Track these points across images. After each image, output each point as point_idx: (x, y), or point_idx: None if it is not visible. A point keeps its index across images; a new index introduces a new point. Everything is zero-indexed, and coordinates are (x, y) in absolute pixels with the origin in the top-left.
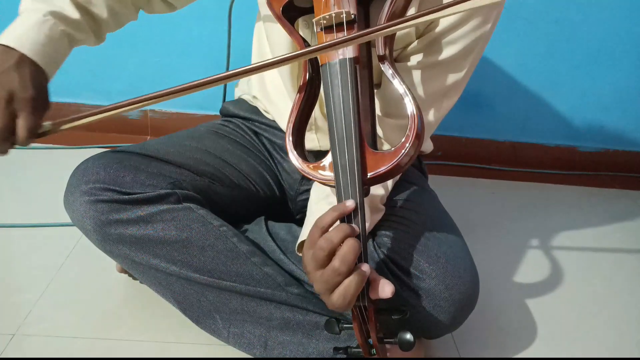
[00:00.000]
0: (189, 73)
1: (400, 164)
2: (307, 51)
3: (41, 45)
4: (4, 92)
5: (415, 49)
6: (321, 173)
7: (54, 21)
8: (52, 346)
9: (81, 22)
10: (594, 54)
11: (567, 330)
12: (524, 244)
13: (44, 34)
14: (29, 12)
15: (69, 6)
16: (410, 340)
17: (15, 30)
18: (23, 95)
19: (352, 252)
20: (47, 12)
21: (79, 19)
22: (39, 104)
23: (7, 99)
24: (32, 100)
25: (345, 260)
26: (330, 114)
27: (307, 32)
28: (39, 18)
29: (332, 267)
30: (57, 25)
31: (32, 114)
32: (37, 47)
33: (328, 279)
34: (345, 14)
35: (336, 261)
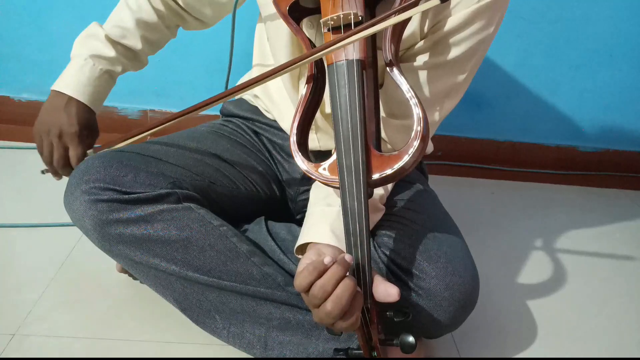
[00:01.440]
0: (189, 72)
1: (405, 167)
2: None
3: (83, 86)
4: (56, 129)
5: (419, 50)
6: (325, 174)
7: (93, 63)
8: (52, 346)
9: (117, 57)
10: (594, 54)
11: (567, 330)
12: (524, 244)
13: (85, 76)
14: (74, 58)
15: (105, 45)
16: (412, 343)
17: (64, 76)
18: (70, 131)
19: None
20: (87, 56)
21: (115, 56)
22: (84, 136)
23: (58, 135)
24: (77, 134)
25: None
26: (335, 114)
27: (311, 33)
28: (81, 62)
29: (324, 311)
30: (96, 66)
31: (78, 146)
32: (81, 88)
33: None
34: (353, 15)
35: (329, 305)
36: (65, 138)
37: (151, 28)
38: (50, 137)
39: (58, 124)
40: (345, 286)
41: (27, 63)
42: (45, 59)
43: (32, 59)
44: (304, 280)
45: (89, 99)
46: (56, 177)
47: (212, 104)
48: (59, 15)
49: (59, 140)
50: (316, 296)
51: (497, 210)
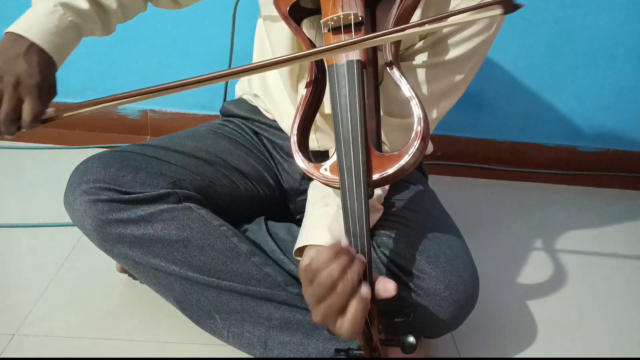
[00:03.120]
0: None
1: (405, 167)
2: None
3: (50, 34)
4: (12, 78)
5: (419, 49)
6: (326, 174)
7: (63, 11)
8: (52, 346)
9: (90, 12)
10: (594, 54)
11: (567, 330)
12: (524, 244)
13: (53, 23)
14: (39, 2)
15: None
16: (412, 343)
17: (26, 20)
18: (29, 81)
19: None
20: (57, 3)
21: (88, 9)
22: (44, 90)
23: (14, 83)
24: (38, 86)
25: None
26: (336, 115)
27: (311, 33)
28: (49, 8)
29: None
30: (66, 16)
31: (37, 99)
32: (46, 36)
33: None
34: (353, 15)
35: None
36: (23, 89)
37: None
38: (2, 86)
39: (15, 71)
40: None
41: None
42: None
43: None
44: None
45: (54, 50)
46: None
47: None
48: None
49: (14, 90)
50: (323, 283)
51: (497, 210)
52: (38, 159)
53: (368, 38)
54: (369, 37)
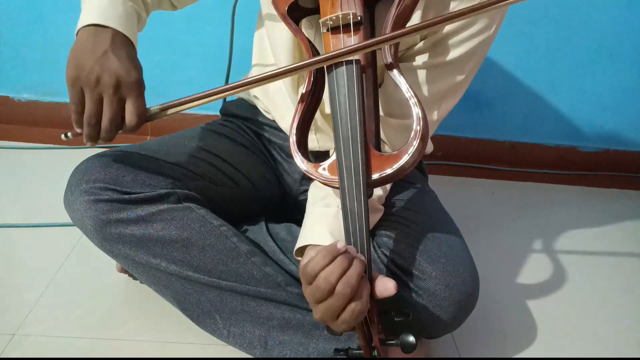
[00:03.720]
0: (190, 72)
1: (404, 167)
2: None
3: (124, 19)
4: (112, 79)
5: (420, 50)
6: (325, 174)
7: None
8: (52, 346)
9: (140, 3)
10: (594, 54)
11: (567, 330)
12: (524, 244)
13: (121, 8)
14: None
15: None
16: (412, 343)
17: (95, 9)
18: (129, 79)
19: (356, 275)
20: None
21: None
22: (143, 85)
23: (115, 85)
24: (138, 83)
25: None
26: (335, 115)
27: (310, 33)
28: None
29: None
30: (127, 3)
31: (139, 98)
32: (123, 22)
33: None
34: (352, 15)
35: (340, 286)
36: (124, 89)
37: None
38: (101, 89)
39: (111, 69)
40: (355, 267)
41: (27, 63)
42: (46, 59)
43: (33, 59)
44: (317, 265)
45: (133, 38)
46: (92, 142)
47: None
48: (60, 15)
49: (115, 92)
50: (320, 287)
51: (497, 210)
52: (38, 159)
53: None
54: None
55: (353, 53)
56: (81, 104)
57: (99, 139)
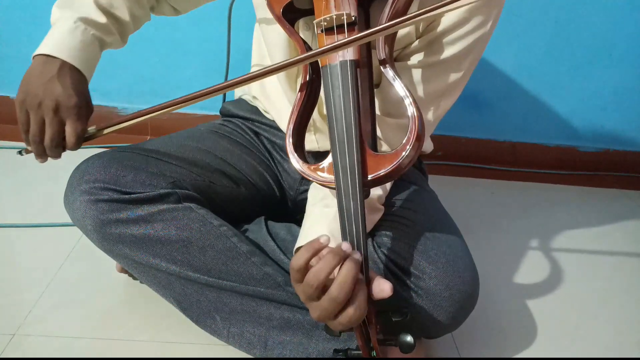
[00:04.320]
0: (189, 73)
1: (400, 166)
2: (308, 55)
3: (77, 50)
4: (51, 102)
5: (416, 49)
6: (321, 175)
7: (85, 26)
8: (52, 346)
9: (108, 25)
10: (594, 54)
11: (567, 330)
12: (524, 244)
13: (78, 39)
14: (61, 20)
15: (95, 11)
16: (410, 343)
17: (51, 40)
18: (68, 104)
19: (350, 277)
20: (76, 19)
21: (106, 22)
22: (82, 110)
23: (54, 108)
24: (77, 107)
25: (343, 287)
26: (330, 115)
27: (307, 34)
28: (71, 25)
29: (329, 297)
30: (87, 31)
31: (77, 121)
32: (75, 53)
33: (327, 307)
34: (346, 15)
35: (334, 289)
36: (63, 112)
37: (136, 2)
38: (42, 111)
39: (53, 95)
40: (348, 267)
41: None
42: None
43: None
44: (301, 257)
45: (84, 66)
46: (41, 159)
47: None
48: None
49: (54, 115)
50: (309, 283)
51: (497, 210)
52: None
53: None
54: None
55: (347, 52)
56: (27, 124)
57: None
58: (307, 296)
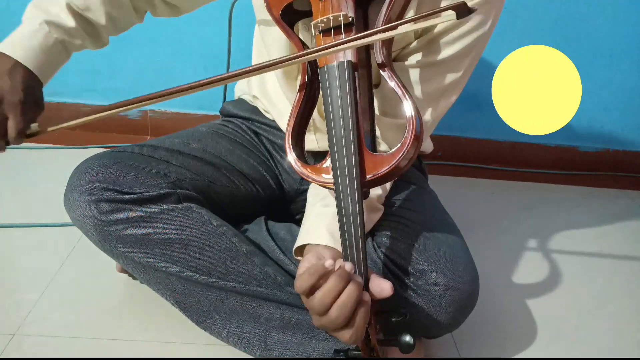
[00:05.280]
0: (189, 73)
1: (399, 166)
2: (304, 54)
3: (35, 52)
4: None
5: (414, 49)
6: (319, 175)
7: (48, 29)
8: (52, 346)
9: (77, 29)
10: (593, 54)
11: (567, 330)
12: (524, 244)
13: (37, 42)
14: (28, 20)
15: (65, 14)
16: (410, 343)
17: (12, 39)
18: (12, 100)
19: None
20: (42, 21)
21: (74, 27)
22: (27, 107)
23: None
24: (21, 103)
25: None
26: (328, 116)
27: (306, 35)
28: (35, 27)
29: (329, 319)
30: (51, 34)
31: (20, 116)
32: (30, 54)
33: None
34: (343, 16)
35: (334, 312)
36: (6, 106)
37: (118, 5)
38: None
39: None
40: (350, 292)
41: None
42: None
43: None
44: (305, 283)
45: (39, 68)
46: None
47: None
48: None
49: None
50: (313, 308)
51: (497, 210)
52: (38, 159)
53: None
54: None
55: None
56: None
57: None
58: (312, 312)
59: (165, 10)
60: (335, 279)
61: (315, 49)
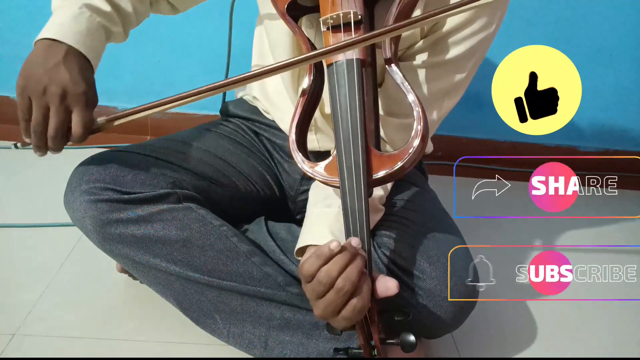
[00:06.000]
0: (189, 73)
1: (404, 166)
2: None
3: (84, 36)
4: (58, 89)
5: (420, 49)
6: (325, 173)
7: (90, 13)
8: (52, 346)
9: (113, 14)
10: (594, 54)
11: (567, 330)
12: (524, 244)
13: (83, 25)
14: (64, 7)
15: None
16: (412, 342)
17: (54, 25)
18: (76, 91)
19: (356, 271)
20: (82, 5)
21: (111, 12)
22: (90, 98)
23: (60, 95)
24: (85, 94)
25: (349, 279)
26: (335, 114)
27: (310, 32)
28: (75, 11)
29: (336, 289)
30: (93, 17)
31: (85, 109)
32: (81, 38)
33: (333, 300)
34: (353, 14)
35: (340, 282)
36: (70, 99)
37: None
38: (47, 99)
39: (59, 81)
40: (355, 263)
41: None
42: None
43: None
44: (311, 266)
45: (90, 53)
46: (40, 152)
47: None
48: None
49: (60, 102)
50: (321, 282)
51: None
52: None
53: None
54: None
55: (353, 50)
56: (29, 112)
57: (47, 149)
58: (317, 293)
59: (166, 8)
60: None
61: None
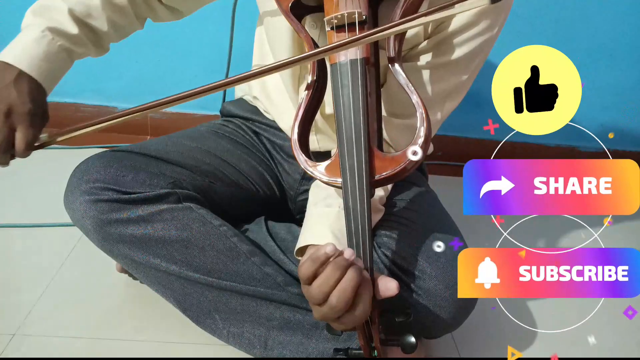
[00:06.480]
0: (189, 73)
1: (407, 167)
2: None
3: (39, 60)
4: (3, 106)
5: (423, 50)
6: (327, 173)
7: (52, 37)
8: (52, 346)
9: (80, 36)
10: (593, 54)
11: (567, 330)
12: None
13: (42, 50)
14: (29, 27)
15: (68, 21)
16: (413, 343)
17: (15, 47)
18: (21, 110)
19: (350, 287)
20: (45, 28)
21: (78, 34)
22: (36, 117)
23: (5, 112)
24: (30, 114)
25: (342, 296)
26: (338, 114)
27: (314, 32)
28: (38, 34)
29: (329, 305)
30: (55, 41)
31: (29, 127)
32: (35, 63)
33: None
34: (357, 14)
35: (333, 298)
36: (15, 117)
37: (119, 11)
38: None
39: (6, 100)
40: (349, 278)
41: None
42: None
43: None
44: (307, 270)
45: (44, 77)
46: None
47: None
48: None
49: (5, 120)
50: (314, 297)
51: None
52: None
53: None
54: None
55: (357, 50)
56: None
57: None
58: (313, 300)
59: (166, 14)
60: (332, 266)
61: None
